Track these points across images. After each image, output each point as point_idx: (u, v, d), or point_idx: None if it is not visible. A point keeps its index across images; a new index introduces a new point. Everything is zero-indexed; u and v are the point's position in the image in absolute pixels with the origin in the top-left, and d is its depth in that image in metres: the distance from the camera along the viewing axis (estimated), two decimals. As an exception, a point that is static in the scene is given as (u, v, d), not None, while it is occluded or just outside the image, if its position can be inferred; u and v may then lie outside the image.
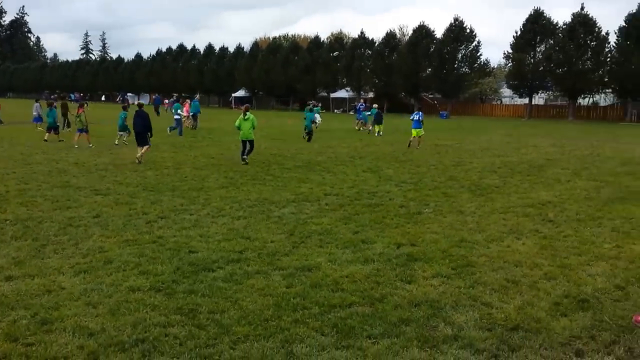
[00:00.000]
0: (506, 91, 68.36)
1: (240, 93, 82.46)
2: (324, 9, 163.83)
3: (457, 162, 17.48)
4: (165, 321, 4.96)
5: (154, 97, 59.72)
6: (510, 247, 7.51)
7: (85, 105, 26.07)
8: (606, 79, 52.39)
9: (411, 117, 23.60)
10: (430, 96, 67.34)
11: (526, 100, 59.62)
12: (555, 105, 63.31)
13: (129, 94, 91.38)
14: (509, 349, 4.53)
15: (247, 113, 16.51)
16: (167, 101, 59.40)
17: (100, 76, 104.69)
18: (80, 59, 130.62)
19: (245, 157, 16.28)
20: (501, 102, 72.04)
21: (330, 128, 34.69)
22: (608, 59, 51.91)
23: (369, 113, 33.02)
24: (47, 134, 22.43)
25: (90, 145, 20.31)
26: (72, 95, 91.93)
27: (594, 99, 61.79)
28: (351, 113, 50.34)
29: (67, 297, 5.55)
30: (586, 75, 51.24)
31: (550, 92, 63.46)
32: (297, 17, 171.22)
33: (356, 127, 34.35)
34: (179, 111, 27.54)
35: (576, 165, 16.65)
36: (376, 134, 28.87)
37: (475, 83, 62.55)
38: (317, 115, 33.80)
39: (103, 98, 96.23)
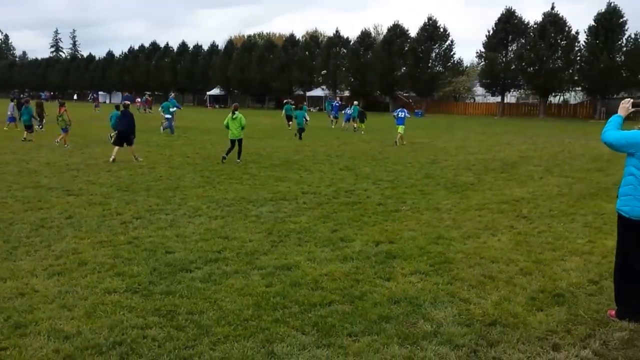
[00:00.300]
0: (479, 89, 69.33)
1: (215, 91, 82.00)
2: (298, 8, 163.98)
3: (432, 159, 17.63)
4: (142, 323, 4.88)
5: (124, 95, 58.84)
6: (486, 244, 7.58)
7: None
8: (576, 78, 53.50)
9: (395, 114, 24.13)
10: (405, 94, 67.88)
11: (498, 99, 60.52)
12: (527, 103, 64.40)
13: (100, 93, 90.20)
14: (488, 344, 4.56)
15: (236, 112, 16.49)
16: (139, 100, 58.83)
17: (71, 74, 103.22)
18: (50, 57, 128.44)
19: (238, 160, 16.29)
20: (474, 100, 72.98)
21: (307, 126, 34.65)
22: (578, 58, 52.97)
23: (350, 111, 33.09)
24: (26, 132, 22.24)
25: (65, 145, 20.02)
26: (42, 94, 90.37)
27: (565, 97, 63.07)
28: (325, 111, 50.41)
29: (41, 300, 5.42)
30: (557, 73, 52.25)
31: (522, 91, 64.53)
32: (271, 15, 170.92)
33: (332, 126, 34.47)
34: (171, 109, 27.52)
35: (548, 162, 16.93)
36: (356, 130, 29.00)
37: (449, 82, 63.34)
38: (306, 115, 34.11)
39: (75, 97, 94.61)
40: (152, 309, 5.19)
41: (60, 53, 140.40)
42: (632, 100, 5.28)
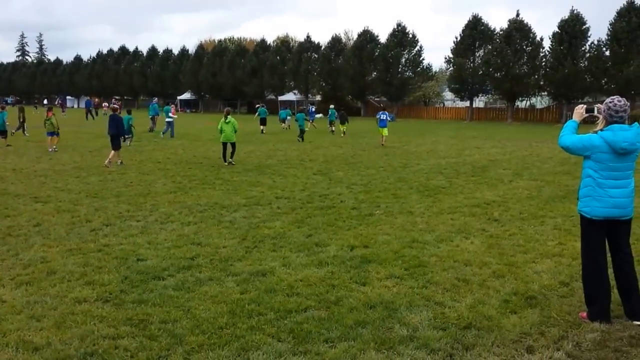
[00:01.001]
0: (448, 94, 70.13)
1: (186, 96, 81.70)
2: (268, 12, 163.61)
3: (405, 163, 17.75)
4: (114, 333, 4.78)
5: (85, 100, 57.94)
6: (459, 247, 7.64)
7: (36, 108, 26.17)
8: (542, 83, 54.51)
9: (378, 116, 25.54)
10: (376, 99, 68.34)
11: (467, 103, 61.33)
12: (495, 107, 65.32)
13: (68, 97, 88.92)
14: (463, 348, 4.58)
15: (228, 117, 17.33)
16: (105, 104, 58.39)
17: (38, 79, 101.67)
18: (16, 61, 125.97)
19: (231, 160, 17.02)
20: (444, 105, 73.79)
21: (279, 130, 34.61)
22: (543, 64, 54.01)
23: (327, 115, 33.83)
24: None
25: (55, 148, 20.13)
26: (8, 99, 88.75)
27: (531, 101, 64.21)
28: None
29: (8, 310, 5.28)
30: (523, 79, 53.18)
31: (490, 95, 65.47)
32: (241, 20, 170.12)
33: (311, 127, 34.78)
34: (170, 114, 28.11)
35: (517, 166, 17.19)
36: (334, 133, 30.19)
37: (419, 87, 63.93)
38: (288, 117, 36.54)
39: (45, 102, 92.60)
40: (124, 319, 5.08)
41: (27, 57, 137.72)
42: (585, 105, 5.44)
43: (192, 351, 4.49)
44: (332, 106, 35.67)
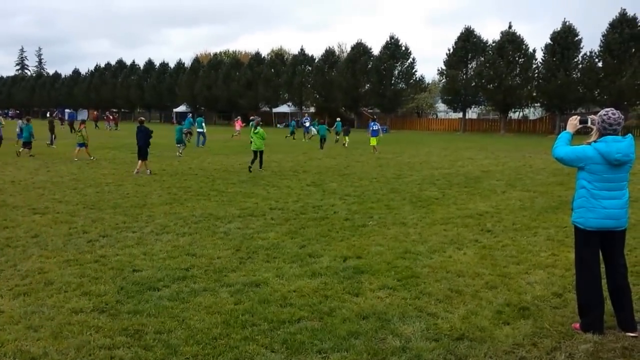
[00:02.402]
0: (441, 106, 70.51)
1: (182, 108, 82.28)
2: (264, 26, 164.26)
3: (397, 174, 17.84)
4: (110, 343, 4.80)
5: (68, 112, 58.09)
6: (452, 258, 7.67)
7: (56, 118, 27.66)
8: (534, 94, 54.93)
9: (370, 127, 27.35)
10: (369, 111, 68.63)
11: (460, 115, 61.74)
12: (488, 119, 65.76)
13: (67, 110, 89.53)
14: (456, 359, 4.60)
15: (258, 127, 18.82)
16: (110, 116, 59.25)
17: (37, 92, 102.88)
18: (15, 74, 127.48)
19: (258, 167, 18.40)
20: (437, 116, 74.21)
21: (274, 142, 34.68)
22: (536, 75, 54.44)
23: (327, 127, 35.19)
24: (22, 148, 23.25)
25: (92, 157, 21.50)
26: (8, 112, 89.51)
27: (524, 113, 64.66)
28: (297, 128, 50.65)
29: (6, 320, 5.30)
30: (515, 90, 53.59)
31: (483, 107, 65.88)
32: (237, 33, 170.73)
33: (303, 140, 35.04)
34: (202, 124, 30.63)
35: (510, 177, 17.29)
36: (345, 145, 31.01)
37: (412, 98, 64.33)
38: (312, 128, 38.75)
39: (48, 114, 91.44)
40: (120, 329, 5.10)
41: (26, 71, 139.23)
42: (579, 117, 5.48)
43: (186, 361, 4.52)
44: (338, 119, 37.19)
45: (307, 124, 41.96)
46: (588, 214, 5.14)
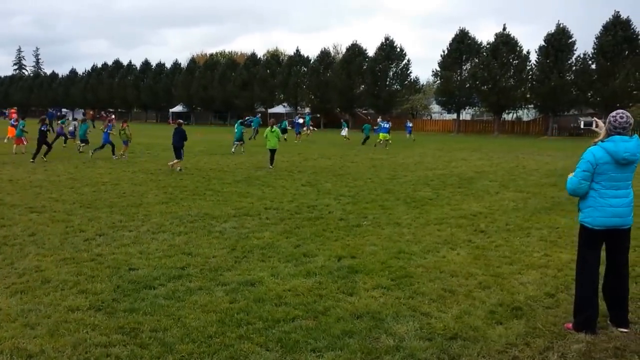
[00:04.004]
0: (435, 107, 70.70)
1: (178, 108, 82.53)
2: (260, 27, 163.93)
3: (392, 175, 17.90)
4: (106, 341, 4.84)
5: (50, 111, 57.66)
6: (445, 258, 7.72)
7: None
8: (528, 95, 55.14)
9: (380, 125, 32.36)
10: (364, 112, 68.73)
11: (454, 116, 61.89)
12: (482, 120, 65.93)
13: (64, 110, 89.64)
14: (449, 358, 4.63)
15: (274, 127, 19.90)
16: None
17: (34, 92, 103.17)
18: (13, 74, 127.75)
19: (270, 166, 19.28)
20: (431, 117, 74.34)
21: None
22: (529, 77, 54.65)
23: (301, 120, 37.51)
24: (81, 145, 25.01)
25: (124, 156, 22.41)
26: (6, 112, 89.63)
27: (518, 114, 64.89)
28: (289, 128, 50.68)
29: (3, 318, 5.33)
30: (509, 91, 53.78)
31: (477, 108, 66.09)
32: (234, 34, 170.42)
33: (295, 141, 34.95)
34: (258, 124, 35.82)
35: (503, 178, 17.37)
36: (384, 145, 32.06)
37: (407, 99, 64.42)
38: (346, 128, 40.86)
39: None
40: (116, 327, 5.14)
41: (24, 71, 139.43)
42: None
43: (182, 359, 4.56)
44: (382, 118, 39.07)
45: (300, 121, 42.15)
46: (595, 212, 5.19)
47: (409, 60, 64.31)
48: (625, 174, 5.18)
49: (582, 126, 5.47)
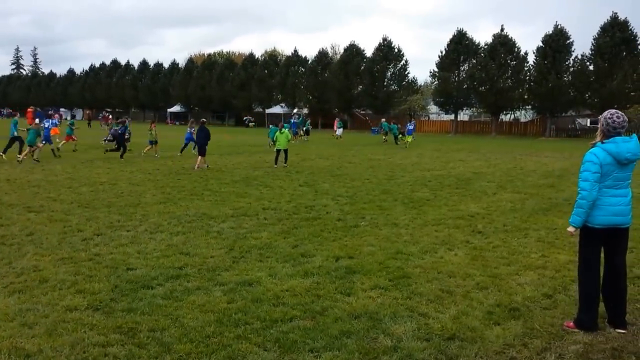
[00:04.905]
0: (433, 108, 70.65)
1: (176, 108, 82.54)
2: (258, 28, 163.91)
3: (390, 176, 17.91)
4: (104, 341, 4.84)
5: (38, 111, 57.55)
6: (443, 258, 7.73)
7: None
8: (526, 96, 55.11)
9: (407, 126, 34.81)
10: (362, 112, 68.73)
11: (452, 117, 61.88)
12: (479, 121, 65.94)
13: (62, 110, 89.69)
14: (447, 359, 4.63)
15: (283, 129, 20.91)
16: (109, 117, 59.41)
17: (32, 91, 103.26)
18: (11, 74, 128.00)
19: (285, 164, 20.09)
20: (429, 118, 74.35)
21: (265, 142, 34.64)
22: (527, 78, 54.67)
23: (388, 129, 38.13)
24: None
25: (143, 153, 23.62)
26: (3, 111, 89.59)
27: (515, 115, 64.93)
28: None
29: (1, 318, 5.33)
30: (507, 92, 53.80)
31: (475, 109, 66.09)
32: (232, 34, 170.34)
33: (293, 141, 34.94)
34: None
35: (501, 179, 17.38)
36: (406, 145, 33.26)
37: (404, 100, 64.40)
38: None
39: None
40: (114, 327, 5.14)
41: (21, 70, 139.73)
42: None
43: (180, 359, 4.56)
44: (394, 122, 41.20)
45: (295, 119, 42.38)
46: (597, 211, 5.20)
47: (406, 61, 64.42)
48: (625, 174, 5.23)
49: (589, 123, 5.43)
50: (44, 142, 22.37)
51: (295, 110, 65.58)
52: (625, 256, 5.43)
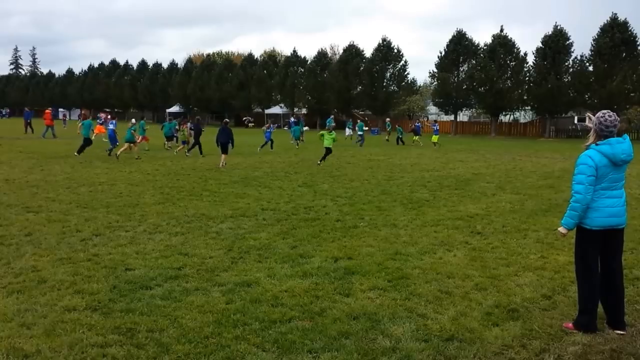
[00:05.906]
0: (432, 108, 70.65)
1: (175, 109, 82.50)
2: (258, 28, 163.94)
3: (389, 176, 17.91)
4: (102, 341, 4.83)
5: (25, 111, 57.43)
6: (442, 259, 7.72)
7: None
8: (525, 97, 55.16)
9: (433, 127, 37.04)
10: (361, 113, 68.74)
11: (451, 117, 61.92)
12: (479, 122, 65.99)
13: (60, 110, 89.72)
14: (446, 360, 4.66)
15: (332, 132, 22.01)
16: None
17: (31, 91, 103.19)
18: (9, 74, 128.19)
19: (319, 162, 21.33)
20: (428, 118, 74.35)
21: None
22: (527, 78, 54.73)
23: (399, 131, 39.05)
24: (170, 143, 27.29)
25: (188, 153, 24.28)
26: (2, 111, 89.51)
27: (515, 116, 64.96)
28: (285, 129, 50.75)
29: (0, 318, 5.32)
30: (506, 93, 53.86)
31: (474, 110, 66.12)
32: (232, 35, 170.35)
33: (291, 141, 34.84)
34: (363, 128, 36.92)
35: (500, 179, 17.38)
36: (421, 144, 35.67)
37: (404, 100, 64.42)
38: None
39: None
40: (112, 327, 5.14)
41: (20, 70, 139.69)
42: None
43: (178, 360, 4.56)
44: (417, 123, 42.00)
45: (292, 119, 42.38)
46: (594, 213, 5.20)
47: (406, 62, 64.49)
48: (619, 174, 5.24)
49: (576, 122, 5.45)
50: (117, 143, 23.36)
51: (295, 110, 65.66)
52: (621, 256, 5.44)
